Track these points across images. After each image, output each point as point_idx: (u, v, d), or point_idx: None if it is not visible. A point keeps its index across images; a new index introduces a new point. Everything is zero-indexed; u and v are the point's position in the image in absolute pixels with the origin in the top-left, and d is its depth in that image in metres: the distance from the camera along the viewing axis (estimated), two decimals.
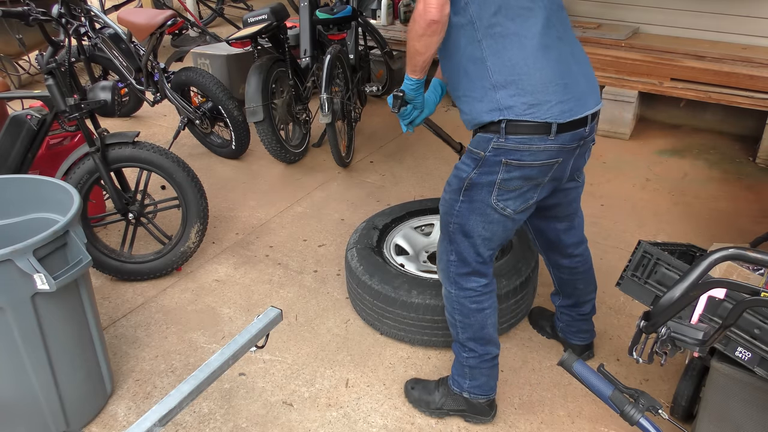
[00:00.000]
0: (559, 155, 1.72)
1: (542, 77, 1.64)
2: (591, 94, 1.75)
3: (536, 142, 1.67)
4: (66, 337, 1.92)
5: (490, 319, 1.95)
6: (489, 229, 1.82)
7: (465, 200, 1.80)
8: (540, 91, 1.64)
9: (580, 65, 1.75)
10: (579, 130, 1.72)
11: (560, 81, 1.66)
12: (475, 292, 1.92)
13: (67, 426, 2.00)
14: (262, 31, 3.56)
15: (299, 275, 2.88)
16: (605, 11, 4.61)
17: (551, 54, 1.66)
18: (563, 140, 1.69)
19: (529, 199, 1.79)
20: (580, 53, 1.78)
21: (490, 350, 1.98)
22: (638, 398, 1.26)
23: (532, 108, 1.64)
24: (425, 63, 1.75)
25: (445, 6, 1.61)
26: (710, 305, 1.61)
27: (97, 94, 2.52)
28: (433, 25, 1.62)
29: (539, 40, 1.64)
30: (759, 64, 3.85)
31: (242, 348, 1.58)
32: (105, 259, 2.73)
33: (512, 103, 1.64)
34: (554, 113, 1.64)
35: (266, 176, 3.85)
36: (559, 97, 1.65)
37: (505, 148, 1.68)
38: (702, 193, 3.58)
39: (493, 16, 1.63)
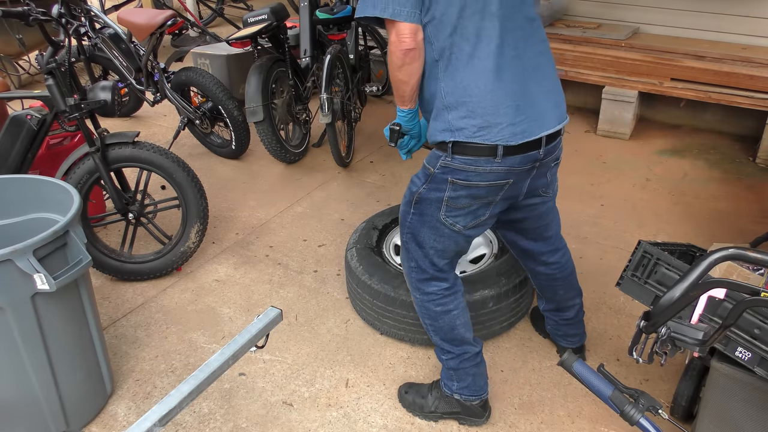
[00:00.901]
0: (508, 176, 1.70)
1: (493, 99, 1.62)
2: (551, 113, 1.72)
3: (482, 164, 1.66)
4: (66, 337, 1.92)
5: (459, 319, 1.95)
6: (440, 242, 1.84)
7: (416, 213, 1.83)
8: (490, 113, 1.62)
9: (541, 83, 1.71)
10: (531, 153, 1.70)
11: (512, 102, 1.63)
12: (437, 295, 1.93)
13: (67, 426, 2.00)
14: (262, 31, 3.56)
15: (299, 275, 2.88)
16: (605, 11, 4.61)
17: (505, 74, 1.63)
18: (511, 163, 1.67)
19: (480, 216, 1.79)
20: (545, 68, 1.74)
21: (467, 349, 1.98)
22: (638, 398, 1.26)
23: (482, 130, 1.62)
24: (412, 91, 1.73)
25: (418, 33, 1.61)
26: (710, 305, 1.61)
27: (97, 94, 2.52)
28: (410, 53, 1.62)
29: (493, 60, 1.61)
30: (759, 64, 3.85)
31: (242, 348, 1.58)
32: (105, 259, 2.73)
33: (463, 125, 1.63)
34: (505, 135, 1.62)
35: (266, 176, 3.85)
36: (510, 119, 1.63)
37: (452, 167, 1.68)
38: (702, 193, 3.58)
39: (448, 37, 1.61)
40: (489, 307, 2.29)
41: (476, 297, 2.25)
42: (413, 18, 1.59)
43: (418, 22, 1.60)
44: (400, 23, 1.59)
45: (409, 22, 1.59)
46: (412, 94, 1.74)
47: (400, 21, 1.58)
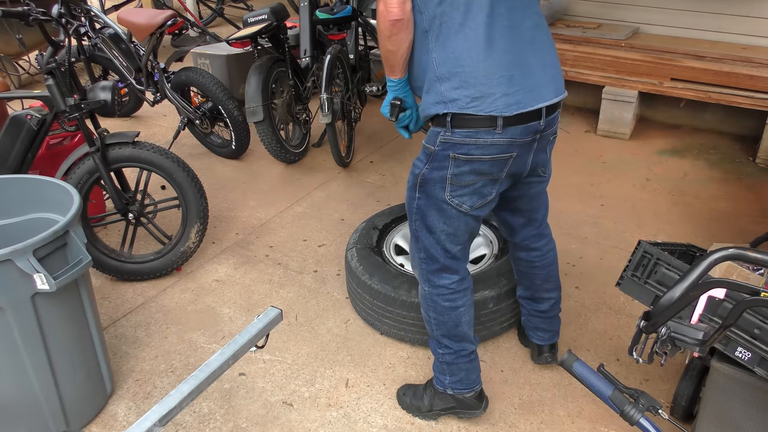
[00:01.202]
0: (510, 149, 1.67)
1: (486, 69, 1.59)
2: (548, 85, 1.69)
3: (482, 136, 1.63)
4: (66, 337, 1.92)
5: (465, 317, 1.94)
6: (450, 224, 1.80)
7: (421, 197, 1.79)
8: (483, 83, 1.59)
9: (538, 55, 1.67)
10: (532, 124, 1.67)
11: (505, 72, 1.60)
12: (448, 290, 1.91)
13: (67, 426, 2.00)
14: (262, 31, 3.56)
15: (299, 275, 2.88)
16: (605, 11, 4.61)
17: (497, 44, 1.60)
18: (513, 134, 1.64)
19: (486, 195, 1.76)
20: (542, 41, 1.70)
21: (466, 346, 1.97)
22: (638, 398, 1.26)
23: (476, 101, 1.59)
24: (401, 60, 1.71)
25: (405, 2, 1.59)
26: (710, 305, 1.61)
27: (97, 94, 2.52)
28: (398, 23, 1.61)
29: (484, 30, 1.58)
30: (759, 64, 3.85)
31: (242, 348, 1.58)
32: (105, 259, 2.73)
33: (456, 95, 1.60)
34: (499, 106, 1.59)
35: (266, 176, 3.85)
36: (504, 90, 1.60)
37: (452, 142, 1.65)
38: (702, 193, 3.58)
39: (437, 6, 1.59)
40: (489, 307, 2.29)
41: (476, 297, 2.25)
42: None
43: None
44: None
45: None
46: (402, 63, 1.72)
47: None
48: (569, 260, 2.95)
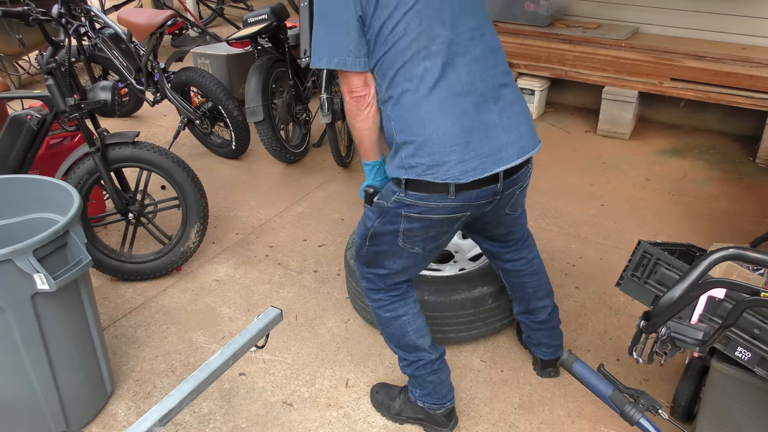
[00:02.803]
0: (463, 210, 1.68)
1: (439, 138, 1.58)
2: (512, 146, 1.65)
3: (435, 200, 1.64)
4: (66, 337, 1.92)
5: (410, 325, 1.91)
6: (399, 263, 1.82)
7: (371, 245, 1.82)
8: (437, 151, 1.58)
9: (503, 113, 1.65)
10: (487, 188, 1.65)
11: (461, 140, 1.58)
12: (386, 301, 1.91)
13: (67, 426, 2.00)
14: (262, 31, 3.56)
15: (299, 275, 2.88)
16: (605, 11, 4.61)
17: (453, 112, 1.58)
18: (466, 198, 1.64)
19: (438, 239, 1.77)
20: (507, 101, 1.67)
21: (421, 356, 1.93)
22: (638, 398, 1.26)
23: (432, 169, 1.59)
24: (374, 141, 1.73)
25: (368, 80, 1.63)
26: (710, 305, 1.61)
27: (97, 94, 2.52)
28: (362, 99, 1.64)
29: (441, 98, 1.57)
30: (759, 64, 3.85)
31: (242, 348, 1.58)
32: (105, 259, 2.73)
33: (413, 163, 1.61)
34: (454, 174, 1.58)
35: (266, 176, 3.85)
36: (460, 157, 1.58)
37: (405, 203, 1.66)
38: (702, 193, 3.58)
39: (393, 77, 1.59)
40: (488, 304, 2.29)
41: (475, 294, 2.25)
42: (359, 65, 1.60)
43: (366, 68, 1.60)
44: (348, 72, 1.61)
45: (356, 70, 1.60)
46: (374, 144, 1.75)
47: (347, 70, 1.60)
48: (569, 260, 2.95)
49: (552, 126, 4.46)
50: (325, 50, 1.60)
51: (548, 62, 4.43)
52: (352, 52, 1.58)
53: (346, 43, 1.58)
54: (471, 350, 2.40)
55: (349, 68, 1.59)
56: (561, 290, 2.73)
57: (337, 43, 1.58)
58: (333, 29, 1.59)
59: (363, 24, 1.57)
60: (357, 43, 1.58)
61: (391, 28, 1.55)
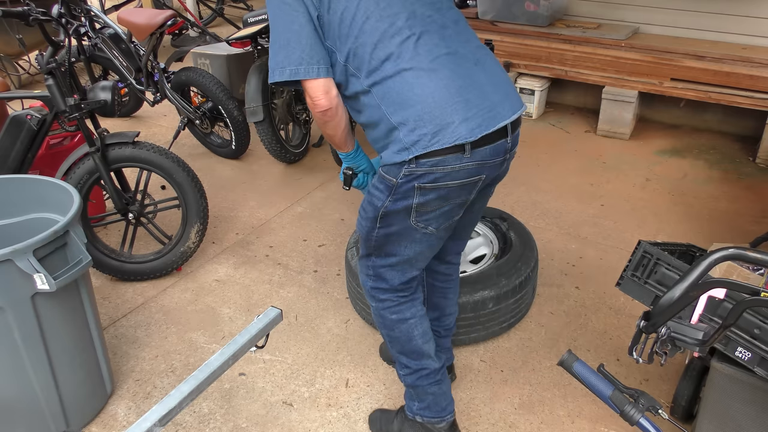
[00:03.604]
0: (480, 171, 1.60)
1: (437, 100, 1.52)
2: (504, 102, 1.61)
3: (450, 162, 1.54)
4: (66, 337, 1.92)
5: (417, 329, 1.83)
6: (412, 248, 1.72)
7: (382, 226, 1.70)
8: (438, 115, 1.52)
9: (486, 74, 1.62)
10: (499, 143, 1.60)
11: (458, 98, 1.53)
12: (393, 302, 1.82)
13: (67, 426, 2.00)
14: (262, 31, 3.57)
15: (299, 275, 2.88)
16: (605, 11, 4.61)
17: (441, 74, 1.54)
18: (483, 155, 1.57)
19: (453, 215, 1.68)
20: (487, 61, 1.65)
21: (426, 364, 1.85)
22: (638, 398, 1.26)
23: (438, 135, 1.52)
24: (343, 138, 1.72)
25: (329, 89, 1.58)
26: (710, 305, 1.61)
27: (97, 94, 2.52)
28: (328, 112, 1.60)
29: (424, 65, 1.53)
30: (759, 64, 3.85)
31: (242, 348, 1.58)
32: (105, 259, 2.73)
33: (416, 137, 1.53)
34: (462, 133, 1.52)
35: (266, 176, 3.85)
36: (463, 114, 1.53)
37: (417, 174, 1.56)
38: (702, 193, 3.58)
39: (369, 63, 1.55)
40: (489, 307, 2.29)
41: (476, 297, 2.25)
42: (312, 72, 1.54)
43: (322, 75, 1.55)
44: (308, 82, 1.56)
45: (314, 77, 1.55)
46: (345, 139, 1.73)
47: (306, 79, 1.55)
48: (569, 260, 2.95)
49: (552, 126, 4.46)
50: (279, 62, 1.55)
51: (548, 62, 4.43)
52: (304, 59, 1.53)
53: (299, 52, 1.53)
54: (471, 350, 2.40)
55: (302, 76, 1.54)
56: (561, 290, 2.74)
57: (289, 54, 1.54)
58: (285, 40, 1.55)
59: (320, 28, 1.55)
60: (310, 50, 1.54)
61: (351, 17, 1.53)
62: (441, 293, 2.06)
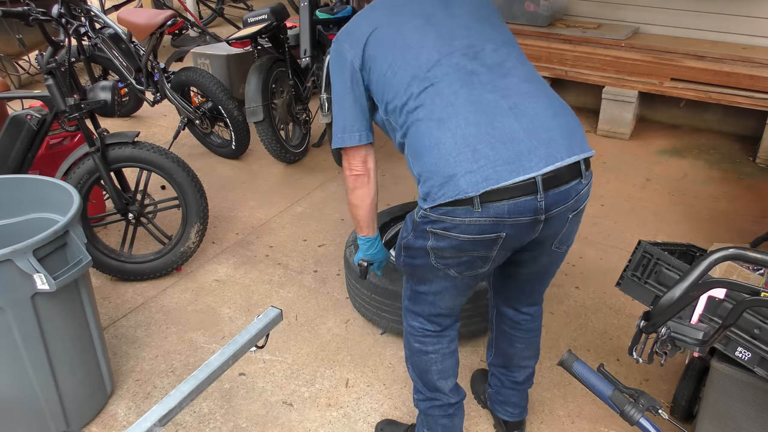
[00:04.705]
0: (497, 229, 1.45)
1: (442, 152, 1.44)
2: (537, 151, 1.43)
3: (460, 215, 1.44)
4: (66, 337, 1.92)
5: (435, 365, 1.76)
6: (437, 284, 1.64)
7: (407, 257, 1.67)
8: (443, 167, 1.44)
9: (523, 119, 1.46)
10: (523, 200, 1.42)
11: (465, 148, 1.42)
12: (419, 333, 1.76)
13: (67, 426, 2.00)
14: (262, 31, 3.57)
15: (299, 275, 2.88)
16: (605, 11, 4.61)
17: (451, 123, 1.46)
18: (497, 212, 1.42)
19: (476, 267, 1.56)
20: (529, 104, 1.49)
21: (439, 397, 1.79)
22: (638, 398, 1.26)
23: (443, 188, 1.44)
24: (366, 217, 1.75)
25: (367, 157, 1.67)
26: (710, 305, 1.61)
27: (97, 94, 2.52)
28: (360, 177, 1.68)
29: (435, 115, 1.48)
30: (759, 64, 3.85)
31: (242, 348, 1.58)
32: (105, 259, 2.73)
33: (427, 189, 1.48)
34: (462, 187, 1.41)
35: (266, 176, 3.85)
36: (467, 167, 1.41)
37: (431, 218, 1.50)
38: (702, 193, 3.58)
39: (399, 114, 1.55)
40: (486, 298, 2.29)
41: (477, 288, 2.24)
42: (353, 140, 1.63)
43: (360, 142, 1.63)
44: (348, 148, 1.65)
45: (353, 144, 1.63)
46: (367, 220, 1.76)
47: (347, 146, 1.64)
48: (569, 260, 2.95)
49: None
50: (335, 129, 1.66)
51: (548, 62, 4.43)
52: (347, 128, 1.63)
53: (343, 121, 1.64)
54: (471, 350, 2.40)
55: (345, 144, 1.64)
56: (561, 290, 2.74)
57: (338, 122, 1.65)
58: (340, 108, 1.65)
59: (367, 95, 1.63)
60: (352, 118, 1.63)
61: (384, 74, 1.57)
62: (507, 340, 1.90)
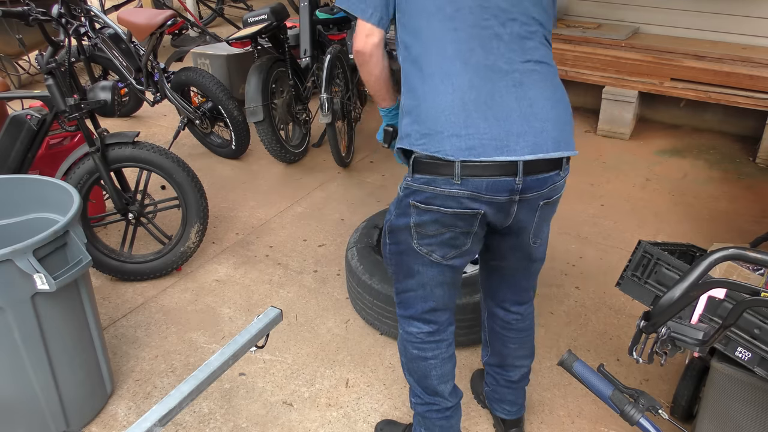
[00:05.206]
0: (475, 205, 1.46)
1: (438, 103, 1.42)
2: (525, 136, 1.42)
3: (440, 185, 1.44)
4: (66, 337, 1.92)
5: (435, 370, 1.75)
6: (425, 273, 1.62)
7: (392, 242, 1.65)
8: (432, 118, 1.43)
9: (523, 100, 1.44)
10: (502, 179, 1.42)
11: (461, 110, 1.40)
12: (417, 339, 1.74)
13: (67, 426, 2.00)
14: (262, 31, 3.57)
15: (299, 275, 2.88)
16: (605, 11, 4.61)
17: (456, 80, 1.43)
18: (476, 187, 1.42)
19: (458, 245, 1.55)
20: (533, 87, 1.46)
21: (438, 401, 1.79)
22: (638, 398, 1.26)
23: (424, 138, 1.43)
24: (380, 88, 1.67)
25: (371, 35, 1.54)
26: (710, 305, 1.61)
27: (97, 94, 2.52)
28: (360, 55, 1.58)
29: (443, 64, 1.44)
30: (759, 64, 3.85)
31: (242, 348, 1.58)
32: (105, 259, 2.73)
33: (409, 130, 1.48)
34: (445, 147, 1.40)
35: (266, 176, 3.85)
36: (455, 129, 1.40)
37: (412, 189, 1.50)
38: (702, 193, 3.58)
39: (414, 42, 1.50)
40: None
41: (476, 298, 2.25)
42: (367, 16, 1.52)
43: (375, 23, 1.52)
44: (359, 20, 1.54)
45: (365, 20, 1.53)
46: (383, 92, 1.68)
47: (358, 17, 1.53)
48: (569, 260, 2.95)
49: None
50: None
51: None
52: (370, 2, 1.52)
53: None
54: (471, 350, 2.40)
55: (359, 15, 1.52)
56: (561, 290, 2.74)
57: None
58: None
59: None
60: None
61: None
62: (500, 340, 1.90)
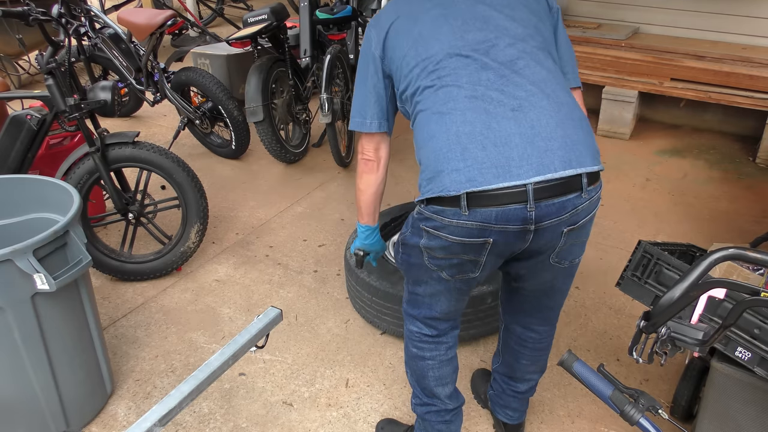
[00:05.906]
0: (484, 234, 1.43)
1: (437, 146, 1.44)
2: (529, 159, 1.38)
3: (449, 216, 1.43)
4: (66, 337, 1.92)
5: (432, 372, 1.75)
6: (431, 286, 1.63)
7: (404, 253, 1.67)
8: (434, 162, 1.45)
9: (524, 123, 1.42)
10: (510, 207, 1.38)
11: (456, 145, 1.41)
12: (416, 338, 1.75)
13: (67, 426, 2.00)
14: (262, 31, 3.57)
15: (299, 275, 2.88)
16: (605, 11, 4.61)
17: (449, 118, 1.44)
18: (484, 217, 1.40)
19: (467, 271, 1.55)
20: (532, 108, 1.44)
21: (436, 403, 1.79)
22: (638, 398, 1.26)
23: (431, 183, 1.45)
24: (368, 204, 1.75)
25: (380, 145, 1.68)
26: (710, 305, 1.61)
27: (97, 94, 2.52)
28: (369, 163, 1.69)
29: (436, 107, 1.48)
30: (759, 64, 3.85)
31: (242, 348, 1.58)
32: (105, 259, 2.73)
33: (420, 180, 1.51)
34: (445, 184, 1.40)
35: (266, 176, 3.85)
36: (453, 165, 1.40)
37: (424, 215, 1.50)
38: (702, 193, 3.58)
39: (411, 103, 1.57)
40: (488, 303, 2.29)
41: (474, 293, 2.25)
42: (372, 126, 1.65)
43: (377, 130, 1.65)
44: (363, 134, 1.67)
45: (365, 130, 1.65)
46: (369, 208, 1.76)
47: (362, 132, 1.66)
48: None
49: None
50: (353, 112, 1.68)
51: None
52: (362, 113, 1.65)
53: (359, 105, 1.66)
54: (471, 350, 2.40)
55: (357, 128, 1.66)
56: None
57: (357, 106, 1.67)
58: (357, 93, 1.68)
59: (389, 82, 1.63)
60: (367, 104, 1.65)
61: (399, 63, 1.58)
62: (513, 355, 1.88)
